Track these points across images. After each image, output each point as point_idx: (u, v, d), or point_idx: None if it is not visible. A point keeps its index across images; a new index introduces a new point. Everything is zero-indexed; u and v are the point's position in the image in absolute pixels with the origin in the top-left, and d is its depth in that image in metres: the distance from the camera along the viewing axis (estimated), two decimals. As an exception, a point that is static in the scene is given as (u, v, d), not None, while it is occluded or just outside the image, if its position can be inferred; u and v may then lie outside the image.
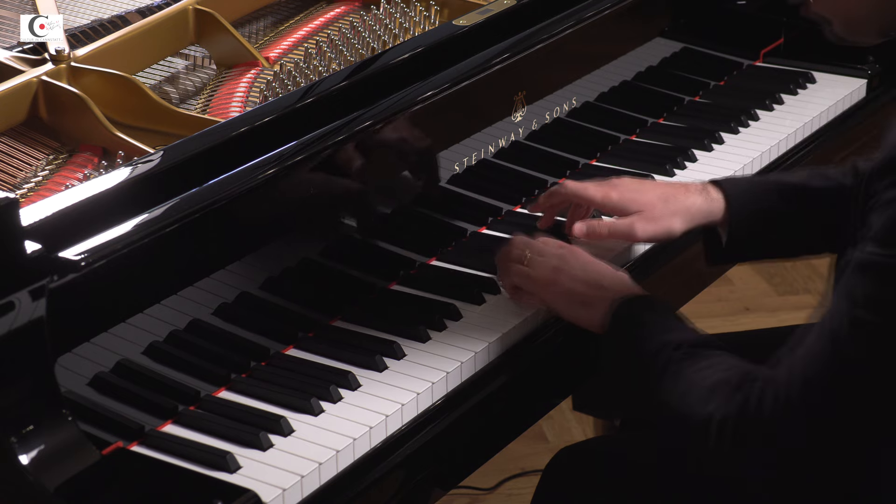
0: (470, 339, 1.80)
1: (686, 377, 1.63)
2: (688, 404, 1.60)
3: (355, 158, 1.88)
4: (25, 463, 1.46)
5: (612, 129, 2.38)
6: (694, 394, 1.60)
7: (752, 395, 1.55)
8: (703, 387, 1.60)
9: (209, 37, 2.21)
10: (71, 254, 1.54)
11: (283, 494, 1.53)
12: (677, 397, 1.62)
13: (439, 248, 2.01)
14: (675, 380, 1.63)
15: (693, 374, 1.63)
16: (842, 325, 1.50)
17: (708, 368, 1.62)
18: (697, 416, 1.58)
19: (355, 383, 1.71)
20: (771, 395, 1.54)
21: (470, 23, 2.12)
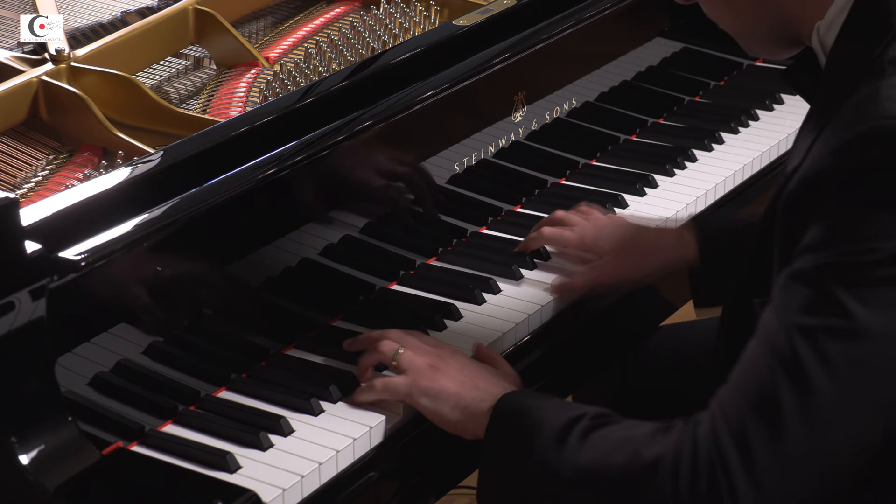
0: (470, 338, 1.80)
1: (616, 436, 1.50)
2: (626, 456, 1.47)
3: (355, 158, 1.88)
4: (25, 463, 1.46)
5: (612, 129, 2.38)
6: (631, 445, 1.48)
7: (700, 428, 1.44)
8: (641, 435, 1.48)
9: (209, 37, 2.21)
10: (71, 254, 1.54)
11: (283, 494, 1.53)
12: (611, 455, 1.48)
13: (439, 248, 2.01)
14: (603, 442, 1.50)
15: (623, 431, 1.51)
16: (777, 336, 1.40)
17: (636, 427, 1.50)
18: (642, 463, 1.45)
19: (356, 383, 1.71)
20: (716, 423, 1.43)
21: (470, 23, 2.12)
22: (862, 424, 1.40)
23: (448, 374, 1.66)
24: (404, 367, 1.68)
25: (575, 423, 1.53)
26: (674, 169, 2.27)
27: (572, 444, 1.51)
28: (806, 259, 1.40)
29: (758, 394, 1.41)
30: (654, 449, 1.45)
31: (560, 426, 1.52)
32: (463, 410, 1.63)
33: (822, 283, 1.38)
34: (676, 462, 1.43)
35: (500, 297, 1.91)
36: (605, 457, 1.49)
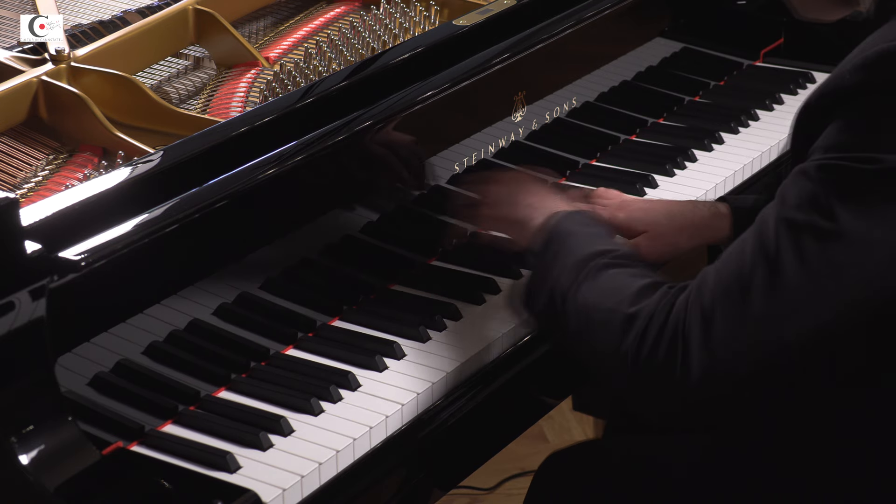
0: (470, 339, 1.80)
1: (616, 281, 1.62)
2: (613, 304, 1.59)
3: (355, 158, 1.88)
4: (25, 463, 1.46)
5: (612, 129, 2.38)
6: (622, 294, 1.60)
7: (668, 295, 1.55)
8: (627, 286, 1.60)
9: (209, 37, 2.20)
10: (71, 254, 1.54)
11: (283, 494, 1.53)
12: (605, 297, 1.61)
13: (439, 248, 2.01)
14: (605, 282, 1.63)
15: (623, 278, 1.62)
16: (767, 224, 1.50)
17: (635, 275, 1.63)
18: (622, 314, 1.57)
19: (355, 383, 1.71)
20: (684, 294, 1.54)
21: (470, 23, 2.12)
22: (821, 321, 1.48)
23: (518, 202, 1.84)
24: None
25: (594, 257, 1.65)
26: (674, 169, 2.27)
27: (584, 278, 1.64)
28: (812, 158, 1.49)
29: (734, 276, 1.50)
30: (635, 305, 1.56)
31: (581, 258, 1.66)
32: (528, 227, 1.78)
33: (819, 182, 1.48)
34: (647, 322, 1.54)
35: (500, 297, 1.91)
36: (599, 299, 1.61)
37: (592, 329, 1.61)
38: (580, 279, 1.64)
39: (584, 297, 1.63)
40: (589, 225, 1.76)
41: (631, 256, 1.68)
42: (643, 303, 1.56)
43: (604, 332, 1.59)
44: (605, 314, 1.59)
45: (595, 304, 1.61)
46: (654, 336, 1.53)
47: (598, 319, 1.60)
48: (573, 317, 1.64)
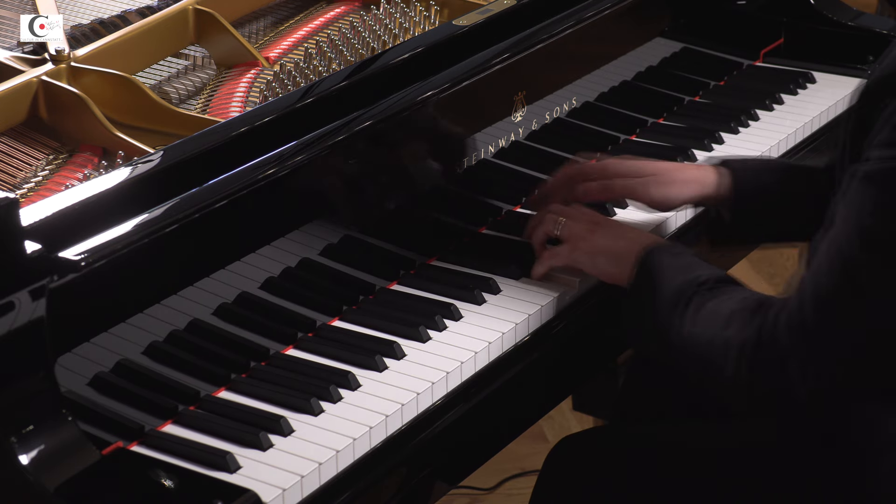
0: (470, 339, 1.80)
1: (709, 309, 1.69)
2: (709, 333, 1.67)
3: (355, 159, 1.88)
4: (25, 463, 1.46)
5: (612, 129, 2.38)
6: (715, 322, 1.67)
7: (767, 321, 1.62)
8: (722, 315, 1.67)
9: (209, 37, 2.20)
10: (71, 254, 1.54)
11: (283, 494, 1.53)
12: (700, 329, 1.69)
13: (439, 247, 2.01)
14: (703, 313, 1.69)
15: (715, 305, 1.69)
16: (849, 238, 1.55)
17: (728, 300, 1.68)
18: (718, 343, 1.65)
19: (355, 383, 1.71)
20: (784, 318, 1.60)
21: (470, 23, 2.12)
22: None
23: (602, 232, 1.89)
24: (566, 235, 1.91)
25: (691, 288, 1.73)
26: (674, 169, 2.26)
27: (682, 312, 1.72)
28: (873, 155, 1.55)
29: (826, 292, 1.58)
30: (738, 334, 1.64)
31: (678, 289, 1.73)
32: (618, 260, 1.84)
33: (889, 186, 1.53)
34: (753, 351, 1.62)
35: (500, 297, 1.91)
36: (701, 329, 1.69)
37: (699, 361, 1.69)
38: (678, 313, 1.71)
39: (686, 331, 1.71)
40: (679, 255, 1.81)
41: (723, 279, 1.75)
42: (745, 331, 1.63)
43: (711, 364, 1.67)
44: (709, 347, 1.67)
45: (698, 337, 1.69)
46: (762, 364, 1.62)
47: (704, 352, 1.68)
48: (678, 350, 1.72)
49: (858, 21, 2.65)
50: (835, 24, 2.65)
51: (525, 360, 1.83)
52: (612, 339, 2.05)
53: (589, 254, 1.88)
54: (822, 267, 1.59)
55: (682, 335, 1.71)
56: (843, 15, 2.66)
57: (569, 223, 1.92)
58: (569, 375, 1.97)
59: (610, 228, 1.91)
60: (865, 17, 2.67)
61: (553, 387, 1.94)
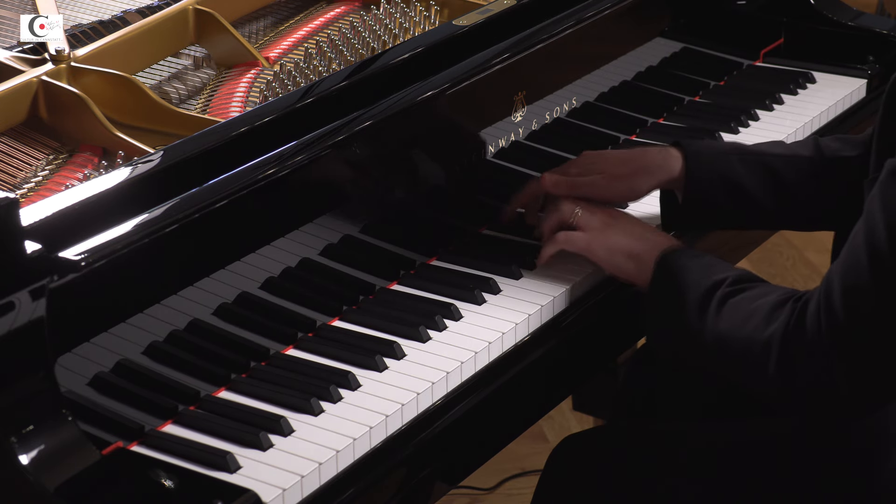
0: (470, 338, 1.80)
1: (741, 308, 1.69)
2: (746, 331, 1.67)
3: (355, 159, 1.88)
4: (25, 463, 1.46)
5: (612, 129, 2.38)
6: (750, 320, 1.67)
7: (796, 312, 1.62)
8: (756, 312, 1.67)
9: (209, 37, 2.20)
10: (71, 254, 1.54)
11: (283, 494, 1.53)
12: (735, 327, 1.69)
13: (439, 248, 2.01)
14: (733, 312, 1.70)
15: (747, 303, 1.69)
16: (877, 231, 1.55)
17: (758, 298, 1.69)
18: (756, 340, 1.65)
19: (355, 383, 1.71)
20: (813, 307, 1.60)
21: (470, 23, 2.12)
22: None
23: (620, 228, 1.89)
24: (582, 224, 1.91)
25: (716, 288, 1.73)
26: (674, 169, 2.26)
27: (711, 311, 1.72)
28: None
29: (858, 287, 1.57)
30: (768, 329, 1.65)
31: (704, 291, 1.73)
32: (636, 260, 1.85)
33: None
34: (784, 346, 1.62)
35: (500, 297, 1.91)
36: (734, 328, 1.69)
37: (731, 361, 1.70)
38: (710, 313, 1.71)
39: (715, 331, 1.71)
40: (699, 256, 1.81)
41: (746, 278, 1.75)
42: (774, 326, 1.64)
43: (743, 363, 1.68)
44: (741, 344, 1.68)
45: (728, 336, 1.69)
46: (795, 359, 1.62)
47: (735, 350, 1.69)
48: (711, 350, 1.72)
49: (858, 21, 2.65)
50: (835, 24, 2.65)
51: (525, 360, 1.83)
52: (613, 338, 2.05)
53: (607, 249, 1.88)
54: (850, 259, 1.59)
55: (715, 335, 1.71)
56: (843, 15, 2.66)
57: (586, 214, 1.92)
58: (569, 375, 1.97)
59: (628, 225, 1.91)
60: (865, 17, 2.67)
61: (553, 386, 1.94)
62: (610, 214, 1.93)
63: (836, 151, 2.00)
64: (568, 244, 1.92)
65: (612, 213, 1.94)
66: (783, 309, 1.65)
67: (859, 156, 1.97)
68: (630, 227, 1.91)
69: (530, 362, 1.83)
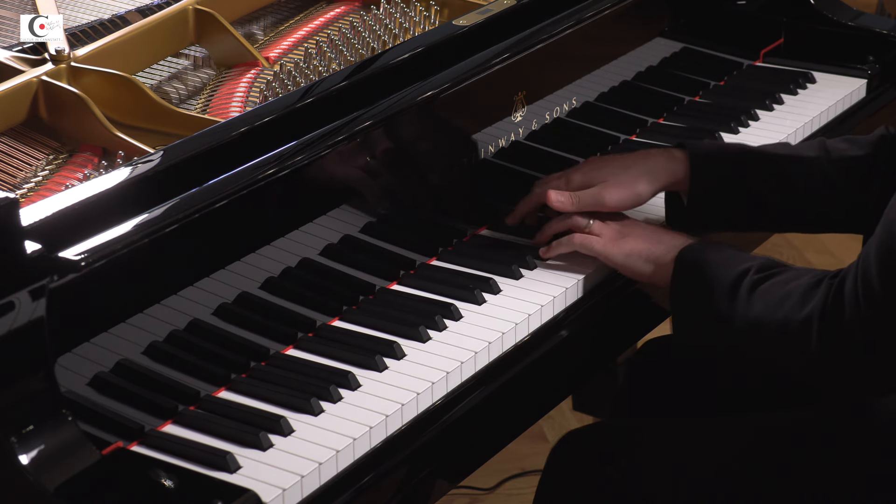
0: (470, 338, 1.80)
1: (779, 292, 1.70)
2: (782, 313, 1.68)
3: (355, 159, 1.88)
4: (25, 463, 1.46)
5: (613, 129, 2.38)
6: (786, 302, 1.67)
7: (833, 288, 1.63)
8: (791, 294, 1.67)
9: (209, 37, 2.20)
10: (71, 254, 1.54)
11: (283, 494, 1.53)
12: (772, 311, 1.69)
13: (439, 247, 2.01)
14: (765, 297, 1.70)
15: (780, 287, 1.70)
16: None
17: (792, 280, 1.70)
18: (796, 321, 1.65)
19: (355, 383, 1.71)
20: (850, 283, 1.61)
21: (470, 23, 2.12)
22: None
23: (635, 234, 1.90)
24: (597, 231, 1.92)
25: (743, 276, 1.73)
26: (674, 169, 2.26)
27: (742, 298, 1.72)
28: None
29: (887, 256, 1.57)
30: (804, 309, 1.65)
31: (731, 280, 1.74)
32: (654, 263, 1.85)
33: None
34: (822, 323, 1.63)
35: (500, 296, 1.91)
36: (770, 311, 1.69)
37: (767, 344, 1.70)
38: (737, 302, 1.72)
39: (747, 318, 1.71)
40: (719, 250, 1.82)
41: (772, 264, 1.76)
42: (812, 304, 1.65)
43: (781, 345, 1.69)
44: (777, 327, 1.68)
45: (762, 321, 1.70)
46: (836, 335, 1.62)
47: (771, 334, 1.69)
48: (745, 336, 1.73)
49: (858, 21, 2.65)
50: (835, 24, 2.65)
51: (525, 360, 1.83)
52: (614, 338, 2.05)
53: (624, 254, 1.89)
54: (885, 232, 1.59)
55: (748, 321, 1.72)
56: (843, 15, 2.66)
57: (599, 223, 1.93)
58: (569, 374, 1.97)
59: (643, 230, 1.92)
60: (865, 17, 2.67)
61: (553, 386, 1.94)
62: (623, 223, 1.94)
63: (843, 152, 1.99)
64: (584, 247, 1.93)
65: (625, 222, 1.95)
66: (818, 288, 1.66)
67: (866, 156, 1.97)
68: (644, 232, 1.92)
69: (530, 362, 1.83)
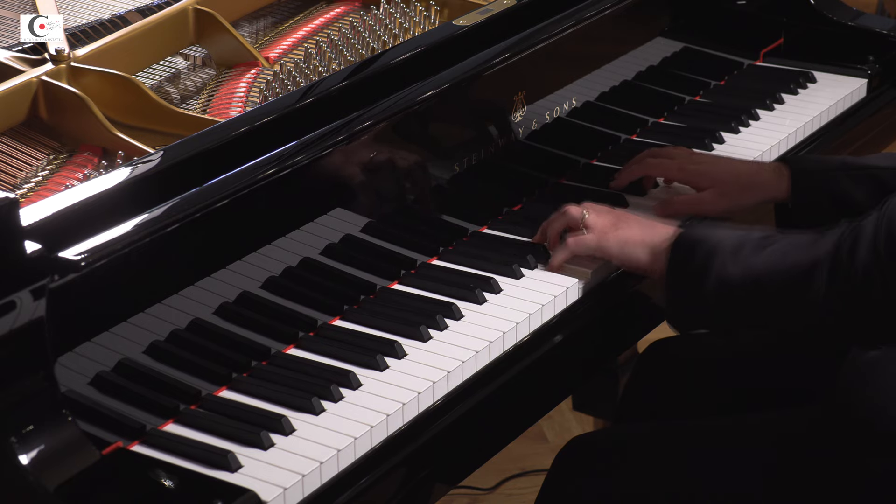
0: (471, 338, 1.80)
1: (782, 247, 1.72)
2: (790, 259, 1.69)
3: (355, 158, 1.88)
4: (25, 463, 1.46)
5: (613, 129, 2.38)
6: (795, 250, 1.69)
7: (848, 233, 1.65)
8: (802, 244, 1.70)
9: (209, 37, 2.20)
10: (71, 254, 1.54)
11: (283, 494, 1.53)
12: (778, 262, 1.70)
13: (440, 247, 2.01)
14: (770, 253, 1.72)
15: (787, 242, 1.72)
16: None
17: (798, 236, 1.72)
18: (804, 264, 1.68)
19: (356, 383, 1.71)
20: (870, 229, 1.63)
21: (470, 23, 2.12)
22: None
23: (629, 225, 1.90)
24: (591, 225, 1.92)
25: (747, 238, 1.75)
26: (674, 168, 2.26)
27: (746, 256, 1.73)
28: None
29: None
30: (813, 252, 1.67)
31: (734, 244, 1.75)
32: (651, 250, 1.85)
33: None
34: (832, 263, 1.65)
35: (501, 296, 1.91)
36: (774, 264, 1.71)
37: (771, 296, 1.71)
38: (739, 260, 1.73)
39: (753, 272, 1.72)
40: (717, 226, 1.84)
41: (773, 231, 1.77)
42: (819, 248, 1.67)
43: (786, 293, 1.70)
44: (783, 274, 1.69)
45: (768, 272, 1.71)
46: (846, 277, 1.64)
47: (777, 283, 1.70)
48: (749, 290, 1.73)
49: (858, 21, 2.65)
50: (835, 24, 2.65)
51: (526, 360, 1.83)
52: (614, 337, 2.05)
53: (619, 242, 1.89)
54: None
55: (752, 276, 1.72)
56: (843, 15, 2.67)
57: (593, 216, 1.93)
58: (570, 374, 1.97)
59: (637, 221, 1.93)
60: (865, 17, 2.67)
61: (554, 386, 1.94)
62: (617, 215, 1.95)
63: None
64: (578, 247, 1.92)
65: (619, 214, 1.95)
66: (824, 237, 1.68)
67: None
68: (639, 220, 1.93)
69: (531, 362, 1.83)
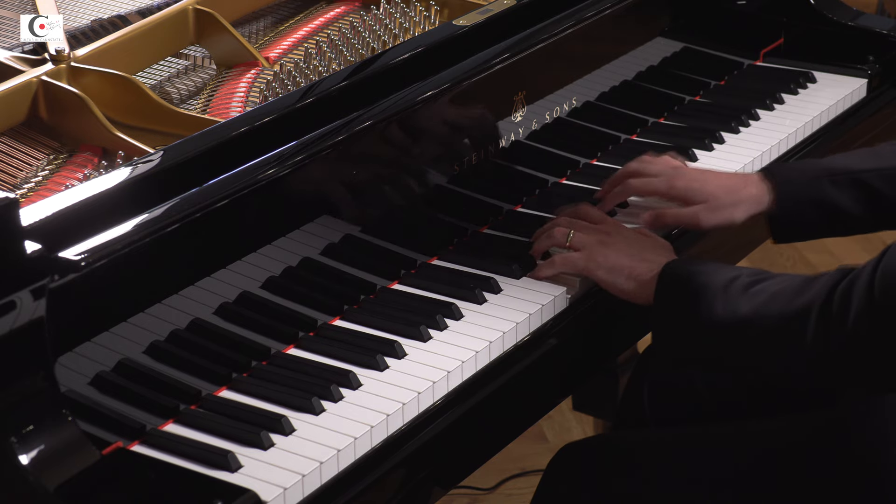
0: (471, 338, 1.80)
1: (770, 290, 1.70)
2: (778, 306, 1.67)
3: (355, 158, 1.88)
4: (25, 463, 1.46)
5: (613, 129, 2.38)
6: (783, 296, 1.67)
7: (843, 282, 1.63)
8: (788, 289, 1.68)
9: (209, 37, 2.20)
10: (71, 254, 1.54)
11: (283, 494, 1.53)
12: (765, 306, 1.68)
13: (440, 247, 2.01)
14: (757, 296, 1.70)
15: (776, 285, 1.70)
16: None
17: (789, 280, 1.70)
18: (791, 311, 1.66)
19: (356, 383, 1.71)
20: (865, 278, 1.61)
21: (470, 23, 2.12)
22: None
23: (618, 248, 1.88)
24: (577, 245, 1.90)
25: (734, 280, 1.73)
26: (674, 168, 2.26)
27: (733, 298, 1.72)
28: None
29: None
30: (801, 299, 1.65)
31: (723, 284, 1.73)
32: (637, 280, 1.83)
33: None
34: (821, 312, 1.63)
35: (501, 296, 1.91)
36: (762, 307, 1.69)
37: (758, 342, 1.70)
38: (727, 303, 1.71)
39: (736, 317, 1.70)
40: (703, 263, 1.82)
41: (762, 272, 1.75)
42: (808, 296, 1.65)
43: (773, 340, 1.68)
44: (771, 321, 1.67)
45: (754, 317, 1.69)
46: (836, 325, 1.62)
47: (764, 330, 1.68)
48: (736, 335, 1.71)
49: (858, 21, 2.65)
50: (835, 24, 2.65)
51: (526, 360, 1.82)
52: (615, 337, 2.05)
53: (607, 269, 1.87)
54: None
55: (739, 320, 1.70)
56: (843, 15, 2.66)
57: (579, 235, 1.91)
58: (570, 374, 1.97)
59: (625, 244, 1.89)
60: (865, 17, 2.67)
61: (554, 386, 1.94)
62: (605, 232, 1.92)
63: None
64: (565, 266, 1.90)
65: (607, 231, 1.92)
66: (814, 283, 1.66)
67: None
68: (627, 246, 1.89)
69: (531, 362, 1.83)
